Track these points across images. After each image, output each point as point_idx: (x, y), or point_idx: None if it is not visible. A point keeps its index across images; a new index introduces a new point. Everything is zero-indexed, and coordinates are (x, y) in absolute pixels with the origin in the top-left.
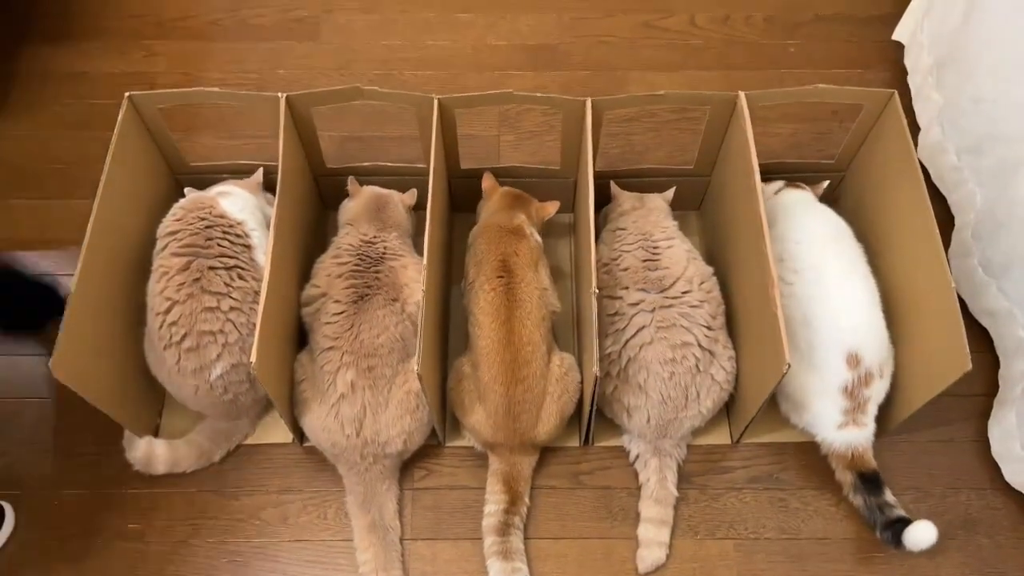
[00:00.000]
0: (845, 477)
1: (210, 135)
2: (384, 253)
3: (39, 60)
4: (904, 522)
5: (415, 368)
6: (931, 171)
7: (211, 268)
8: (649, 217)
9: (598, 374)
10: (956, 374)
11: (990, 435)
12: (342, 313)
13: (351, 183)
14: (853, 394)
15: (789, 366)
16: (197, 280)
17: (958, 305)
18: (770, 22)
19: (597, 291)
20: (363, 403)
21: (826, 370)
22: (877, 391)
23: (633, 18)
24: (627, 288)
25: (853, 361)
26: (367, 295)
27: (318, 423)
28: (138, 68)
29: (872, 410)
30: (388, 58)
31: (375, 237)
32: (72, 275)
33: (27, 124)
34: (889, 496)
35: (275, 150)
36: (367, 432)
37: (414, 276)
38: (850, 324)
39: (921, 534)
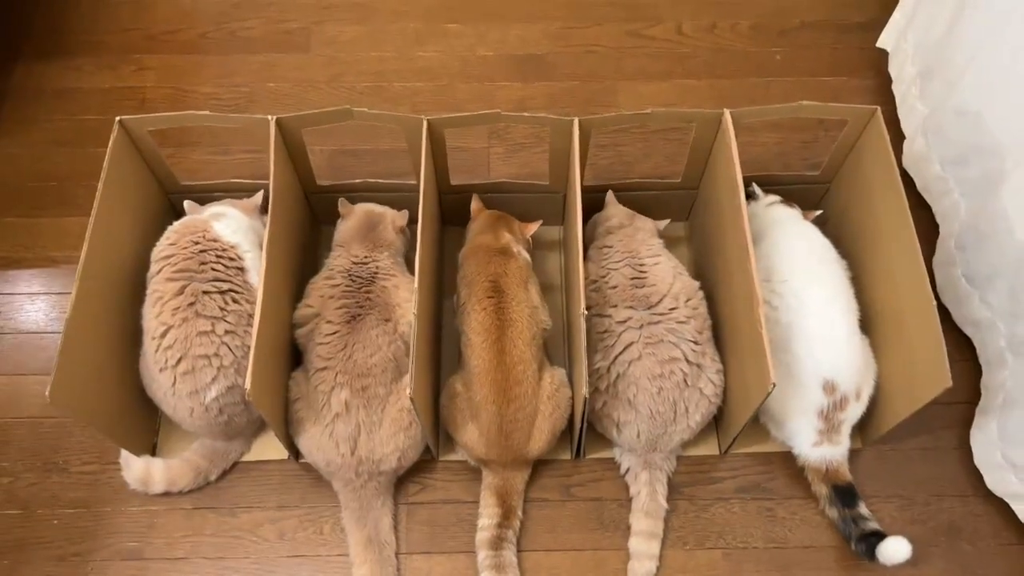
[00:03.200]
0: (820, 490)
1: (202, 151)
2: (376, 273)
3: (30, 77)
4: (878, 536)
5: (408, 391)
6: (916, 180)
7: (205, 292)
8: (636, 236)
9: (587, 395)
10: (936, 390)
11: (972, 443)
12: (335, 333)
13: (342, 204)
14: (828, 417)
15: (774, 385)
16: (192, 304)
17: (939, 323)
18: (756, 30)
19: (586, 312)
20: (358, 422)
21: (803, 394)
22: (852, 413)
23: (620, 27)
24: (616, 306)
25: (829, 388)
26: (359, 315)
27: (313, 442)
28: (128, 83)
29: (846, 430)
30: (378, 69)
31: (366, 258)
32: (65, 293)
33: (19, 141)
34: (864, 509)
35: (267, 165)
36: (362, 450)
37: (406, 296)
38: (827, 355)
39: (894, 549)
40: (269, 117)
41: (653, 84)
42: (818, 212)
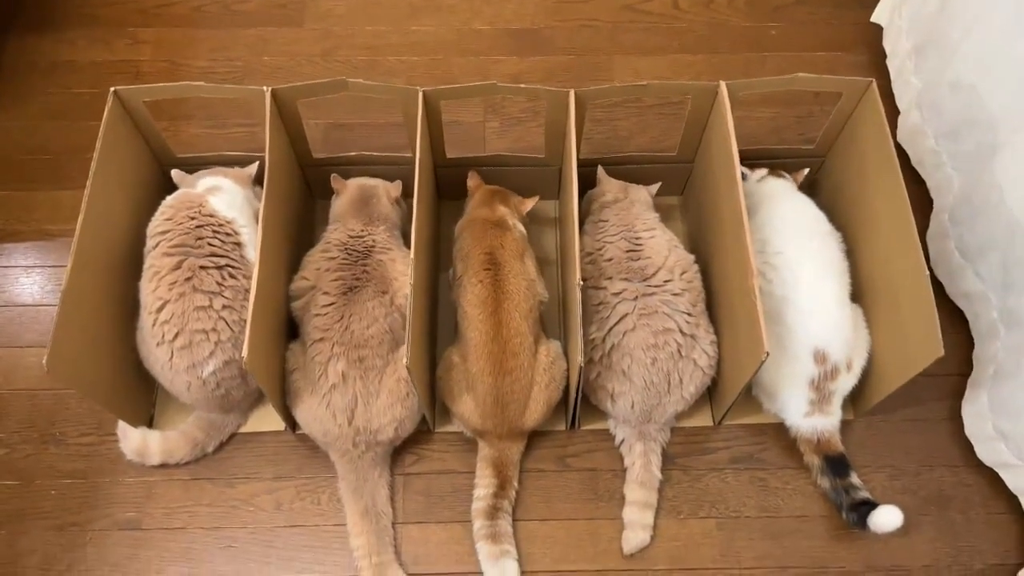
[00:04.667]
0: (812, 460)
1: (197, 124)
2: (372, 247)
3: (24, 50)
4: (869, 505)
5: (404, 361)
6: (910, 154)
7: (202, 267)
8: (631, 209)
9: (582, 364)
10: (928, 360)
11: (964, 415)
12: (331, 305)
13: (335, 180)
14: (819, 387)
15: (768, 354)
16: (189, 279)
17: (932, 293)
18: (752, 4)
19: (582, 282)
20: (354, 393)
21: (795, 365)
22: (843, 384)
23: (616, 1)
24: (611, 278)
25: (820, 358)
26: (356, 287)
27: (310, 413)
28: (123, 56)
29: (837, 400)
30: (373, 44)
31: (362, 231)
32: (60, 266)
33: (13, 115)
34: (855, 479)
35: (263, 138)
36: (359, 421)
37: (402, 270)
38: (819, 327)
39: (886, 518)
40: (264, 88)
41: (649, 59)
42: (806, 170)
